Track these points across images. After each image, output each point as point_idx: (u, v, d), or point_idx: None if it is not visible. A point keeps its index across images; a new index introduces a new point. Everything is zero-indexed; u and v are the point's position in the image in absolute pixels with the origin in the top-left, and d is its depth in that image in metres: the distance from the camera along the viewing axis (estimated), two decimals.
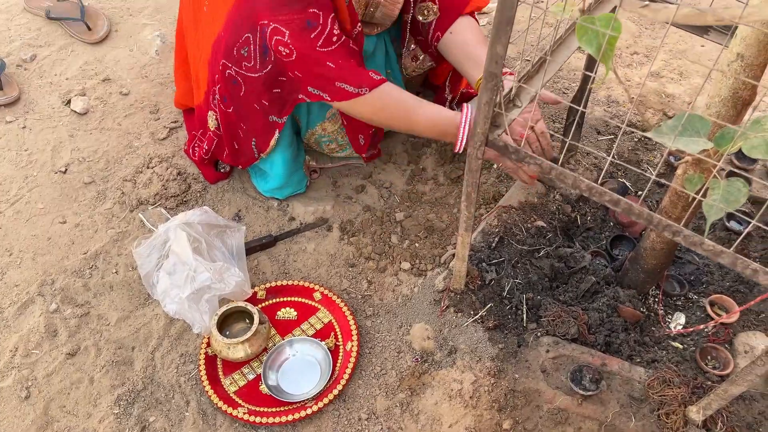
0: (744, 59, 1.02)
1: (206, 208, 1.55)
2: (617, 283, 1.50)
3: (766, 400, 1.28)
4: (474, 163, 1.13)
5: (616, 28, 0.87)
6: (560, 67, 1.19)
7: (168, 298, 1.43)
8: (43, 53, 2.04)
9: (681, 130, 0.98)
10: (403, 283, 1.53)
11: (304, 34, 1.29)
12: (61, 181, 1.74)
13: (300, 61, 1.33)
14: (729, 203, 0.98)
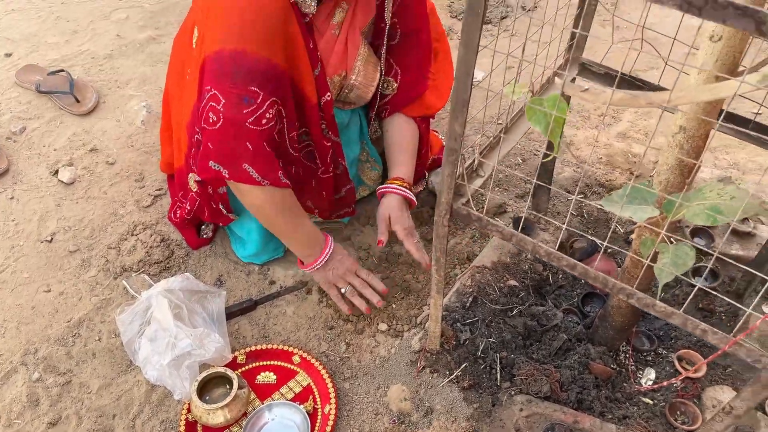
0: (686, 131, 1.10)
1: (188, 275, 1.59)
2: (588, 340, 1.54)
3: None
4: (440, 229, 1.19)
5: (561, 110, 0.95)
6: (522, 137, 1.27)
7: (149, 365, 1.46)
8: (32, 125, 2.11)
9: (629, 199, 1.05)
10: (380, 344, 1.57)
11: (239, 107, 1.32)
12: (47, 250, 1.78)
13: (222, 130, 1.35)
14: (677, 267, 1.05)
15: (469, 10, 0.87)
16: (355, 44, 1.54)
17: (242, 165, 1.36)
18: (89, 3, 2.75)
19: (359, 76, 1.57)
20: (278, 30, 1.34)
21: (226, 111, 1.33)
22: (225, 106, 1.33)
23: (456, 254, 1.76)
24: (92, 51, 2.45)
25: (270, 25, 1.33)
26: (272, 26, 1.33)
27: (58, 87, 2.20)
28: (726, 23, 0.69)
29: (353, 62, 1.55)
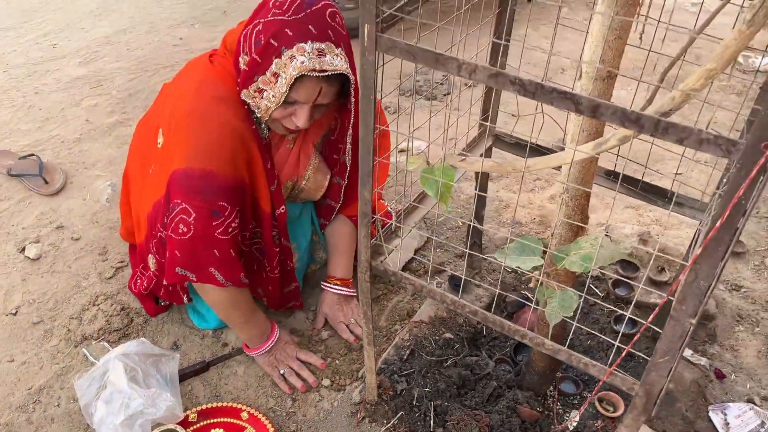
0: (569, 191, 1.27)
1: (143, 339, 1.70)
2: (518, 386, 1.66)
3: None
4: (363, 285, 1.34)
5: (449, 177, 1.12)
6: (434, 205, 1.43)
7: (104, 426, 1.55)
8: (2, 206, 2.25)
9: (519, 251, 1.21)
10: (324, 398, 1.68)
11: (209, 219, 1.47)
12: (11, 322, 1.88)
13: (192, 240, 1.48)
14: (564, 309, 1.20)
15: (363, 98, 1.05)
16: (307, 155, 1.71)
17: (209, 269, 1.52)
18: (61, 92, 2.96)
19: (309, 182, 1.74)
20: (240, 150, 1.50)
21: (197, 223, 1.47)
22: (195, 218, 1.47)
23: (397, 311, 1.90)
24: (62, 135, 2.62)
25: (233, 146, 1.48)
26: (234, 147, 1.48)
27: (28, 170, 2.36)
28: (553, 104, 0.87)
29: (304, 171, 1.72)
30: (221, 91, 1.51)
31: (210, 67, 1.56)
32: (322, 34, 1.40)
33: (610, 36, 1.04)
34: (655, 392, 1.07)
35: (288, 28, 1.38)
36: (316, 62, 1.38)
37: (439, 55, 0.92)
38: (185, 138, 1.49)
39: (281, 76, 1.39)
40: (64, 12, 3.80)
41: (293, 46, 1.37)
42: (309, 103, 1.46)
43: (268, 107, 1.45)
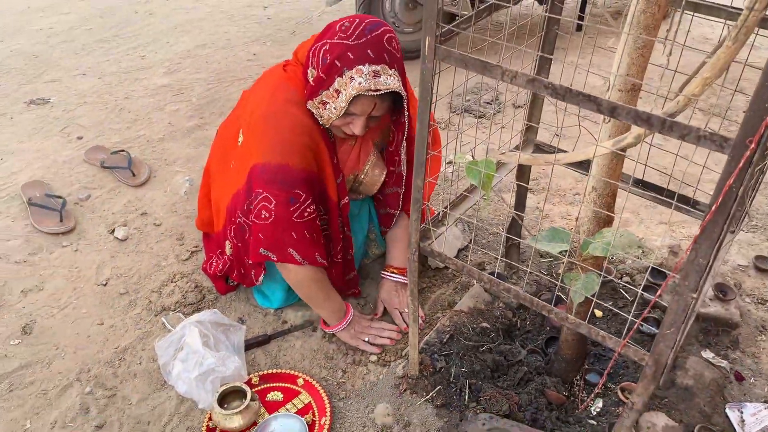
0: (596, 190, 1.45)
1: (215, 310, 1.94)
2: (547, 373, 1.82)
3: None
4: (412, 265, 1.54)
5: (491, 168, 1.31)
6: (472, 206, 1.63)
7: (180, 381, 1.79)
8: (96, 194, 2.56)
9: (550, 238, 1.40)
10: (371, 372, 1.87)
11: (287, 205, 1.72)
12: (101, 292, 2.15)
13: (273, 224, 1.73)
14: (587, 290, 1.37)
15: (422, 99, 1.27)
16: (366, 152, 1.93)
17: (288, 250, 1.76)
18: (148, 98, 3.30)
19: (367, 176, 1.96)
20: (309, 147, 1.75)
21: (277, 209, 1.73)
22: (275, 205, 1.72)
23: (439, 302, 2.09)
24: (148, 135, 2.94)
25: (303, 142, 1.73)
26: (304, 143, 1.73)
27: (118, 164, 2.66)
28: (579, 106, 1.07)
29: (363, 165, 1.94)
30: (293, 95, 1.75)
31: (283, 74, 1.81)
32: (378, 57, 1.63)
33: (634, 54, 1.23)
34: (662, 361, 1.23)
35: (350, 51, 1.62)
36: (372, 83, 1.62)
37: (486, 63, 1.12)
38: (262, 136, 1.74)
39: (342, 93, 1.63)
40: (151, 27, 4.20)
41: (353, 68, 1.61)
42: (364, 115, 1.70)
43: (329, 117, 1.69)
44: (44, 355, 1.93)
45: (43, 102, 3.24)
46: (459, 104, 3.24)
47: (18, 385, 1.84)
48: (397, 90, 1.67)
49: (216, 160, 2.08)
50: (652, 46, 1.24)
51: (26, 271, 2.21)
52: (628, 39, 1.18)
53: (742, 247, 2.35)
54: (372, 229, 2.19)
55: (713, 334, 1.98)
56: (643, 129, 1.12)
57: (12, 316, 2.04)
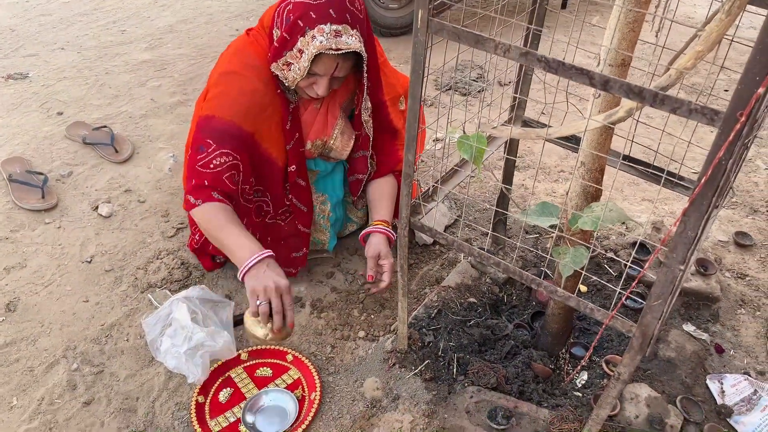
0: (585, 165, 1.47)
1: (203, 286, 1.93)
2: (533, 346, 1.85)
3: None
4: (402, 240, 1.54)
5: (482, 142, 1.32)
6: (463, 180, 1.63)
7: (169, 355, 1.78)
8: (78, 170, 2.52)
9: (540, 212, 1.41)
10: (359, 347, 1.89)
11: (196, 153, 1.76)
12: (86, 269, 2.13)
13: (185, 171, 1.81)
14: (575, 263, 1.39)
15: (413, 72, 1.26)
16: (334, 116, 1.92)
17: (187, 196, 1.78)
18: (129, 73, 3.24)
19: (336, 142, 1.95)
20: (254, 108, 1.76)
21: (189, 157, 1.80)
22: (190, 155, 1.79)
23: (427, 278, 2.10)
24: (130, 111, 2.89)
25: (249, 103, 1.75)
26: (247, 103, 1.75)
27: (100, 140, 2.62)
28: (572, 79, 1.07)
29: (331, 131, 1.93)
30: (251, 59, 1.79)
31: (246, 39, 1.84)
32: (340, 17, 1.65)
33: (625, 29, 1.23)
34: (649, 333, 1.25)
35: (312, 11, 1.64)
36: (333, 42, 1.63)
37: (479, 36, 1.12)
38: (210, 95, 1.79)
39: (304, 53, 1.65)
40: (131, 1, 4.12)
41: (315, 27, 1.63)
42: (327, 75, 1.72)
43: (294, 78, 1.71)
44: (29, 333, 1.91)
45: (21, 77, 3.17)
46: (444, 82, 3.23)
47: (3, 362, 1.82)
48: (358, 50, 1.68)
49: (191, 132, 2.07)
50: (642, 20, 1.25)
51: (8, 248, 2.18)
52: (620, 13, 1.19)
53: (722, 223, 2.39)
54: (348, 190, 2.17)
55: (694, 307, 2.03)
56: (635, 103, 1.13)
57: None
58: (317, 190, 2.04)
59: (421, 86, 1.27)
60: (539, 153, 2.76)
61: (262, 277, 1.63)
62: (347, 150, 1.98)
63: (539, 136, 1.21)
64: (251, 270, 1.64)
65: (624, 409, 1.66)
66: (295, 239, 2.01)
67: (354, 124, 1.97)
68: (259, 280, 1.62)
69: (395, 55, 3.36)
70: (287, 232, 1.99)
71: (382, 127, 1.99)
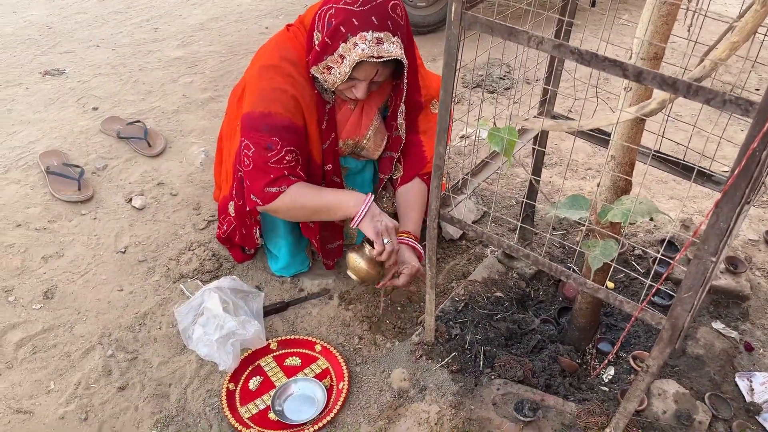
0: (615, 159, 1.47)
1: (234, 277, 1.98)
2: (560, 341, 1.86)
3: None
4: (431, 231, 1.56)
5: (513, 134, 1.33)
6: (494, 172, 1.65)
7: (201, 343, 1.82)
8: (113, 164, 2.58)
9: (570, 205, 1.42)
10: (387, 339, 1.91)
11: (264, 151, 1.75)
12: (121, 259, 2.19)
13: (253, 170, 1.78)
14: (605, 256, 1.40)
15: (446, 66, 1.28)
16: (369, 117, 1.94)
17: (264, 189, 1.78)
18: (161, 70, 3.31)
19: (369, 142, 1.97)
20: (297, 101, 1.79)
21: (254, 155, 1.78)
22: (254, 152, 1.78)
23: (454, 272, 2.12)
24: (162, 107, 2.96)
25: (291, 95, 1.77)
26: (293, 96, 1.77)
27: (134, 134, 2.68)
28: (605, 71, 1.08)
29: (365, 131, 1.95)
30: (291, 54, 1.81)
31: (286, 33, 1.86)
32: (382, 24, 1.66)
33: (658, 21, 1.24)
34: (679, 325, 1.25)
35: (355, 17, 1.65)
36: (375, 50, 1.65)
37: (512, 28, 1.14)
38: (253, 88, 1.81)
39: (346, 59, 1.67)
40: (164, 0, 4.19)
41: (357, 34, 1.65)
42: (367, 80, 1.74)
43: (334, 82, 1.74)
44: (66, 319, 1.97)
45: (58, 73, 3.26)
46: (472, 80, 3.24)
47: (41, 347, 1.88)
48: (399, 58, 1.70)
49: (226, 126, 2.12)
50: (676, 13, 1.25)
51: (46, 238, 2.24)
52: (654, 6, 1.19)
53: (752, 222, 2.37)
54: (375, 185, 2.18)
55: (723, 305, 2.01)
56: (668, 94, 1.14)
57: (34, 281, 2.08)
58: (347, 185, 2.07)
59: (454, 79, 1.29)
60: (566, 150, 2.76)
61: (379, 218, 1.78)
62: (379, 151, 2.00)
63: (571, 128, 1.22)
64: (366, 216, 1.77)
65: (651, 405, 1.66)
66: (330, 231, 2.05)
67: (386, 125, 1.99)
68: (381, 223, 1.77)
69: (422, 53, 3.37)
70: (322, 224, 2.01)
71: (412, 128, 2.01)
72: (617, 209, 1.35)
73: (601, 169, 2.63)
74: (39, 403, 1.73)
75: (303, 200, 1.80)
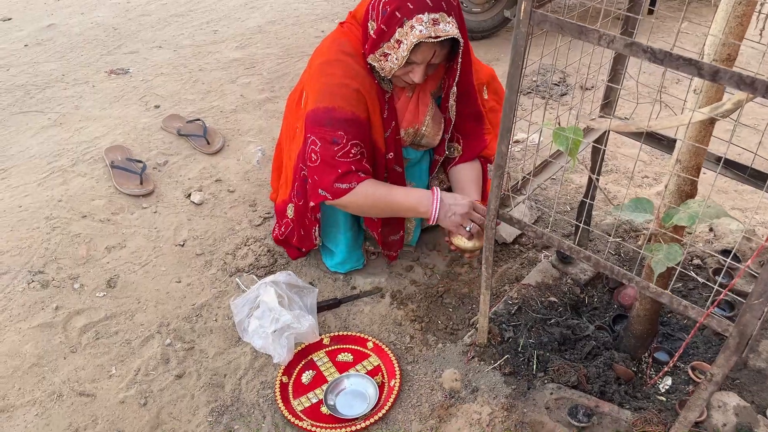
0: (681, 163, 1.44)
1: (290, 272, 2.01)
2: (615, 348, 1.83)
3: None
4: (489, 231, 1.56)
5: (578, 134, 1.33)
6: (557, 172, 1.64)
7: (256, 336, 1.86)
8: (173, 160, 2.66)
9: (633, 208, 1.40)
10: (439, 339, 1.91)
11: (330, 146, 1.77)
12: (179, 252, 2.25)
13: (321, 165, 1.79)
14: (669, 260, 1.37)
15: (512, 64, 1.28)
16: (425, 104, 1.96)
17: (333, 185, 1.80)
18: (220, 71, 3.40)
19: (428, 128, 1.99)
20: (359, 92, 1.81)
21: (321, 150, 1.80)
22: (321, 147, 1.80)
23: (507, 276, 2.11)
24: (221, 106, 3.04)
25: (353, 87, 1.80)
26: (354, 89, 1.80)
27: (194, 132, 2.76)
28: (678, 70, 1.07)
29: (423, 117, 1.97)
30: (347, 47, 1.84)
31: (340, 29, 1.90)
32: (436, 5, 1.68)
33: (732, 22, 1.22)
34: (747, 333, 1.22)
35: (409, 1, 1.67)
36: (432, 30, 1.67)
37: (583, 27, 1.13)
38: (315, 84, 1.84)
39: (403, 42, 1.69)
40: (222, 3, 4.31)
41: (413, 17, 1.67)
42: (425, 63, 1.76)
43: (391, 68, 1.75)
44: (127, 308, 2.03)
45: (122, 72, 3.38)
46: (526, 85, 3.22)
47: (104, 334, 1.95)
48: (456, 36, 1.71)
49: (286, 132, 2.15)
50: (751, 15, 1.23)
51: (110, 229, 2.33)
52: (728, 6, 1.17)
53: None
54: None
55: None
56: (744, 94, 1.12)
57: (98, 270, 2.16)
58: (406, 177, 2.08)
59: (520, 78, 1.30)
60: (623, 158, 2.72)
61: (450, 211, 1.82)
62: (438, 137, 2.01)
63: (639, 128, 1.20)
64: (440, 214, 1.82)
65: (711, 417, 1.62)
66: (392, 224, 2.06)
67: (440, 108, 2.01)
68: (454, 215, 1.82)
69: (482, 52, 3.38)
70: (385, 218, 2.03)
71: (469, 111, 2.01)
72: (683, 212, 1.33)
73: (658, 177, 2.58)
74: (101, 387, 1.79)
75: (372, 199, 1.82)
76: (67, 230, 2.29)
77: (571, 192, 2.53)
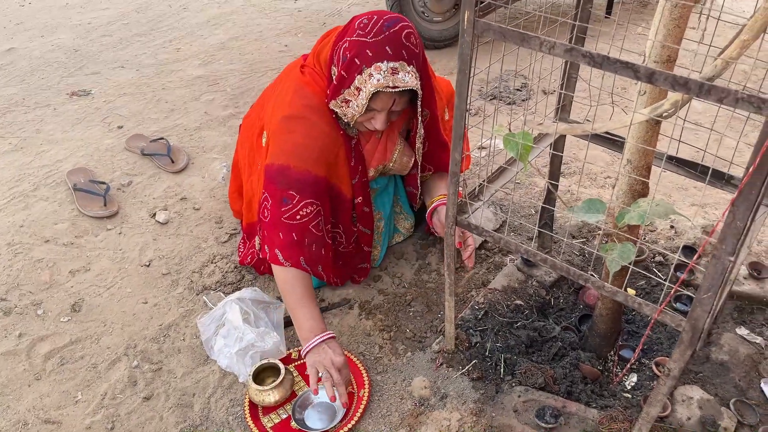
0: (631, 163, 1.47)
1: (256, 288, 2.00)
2: (581, 348, 1.85)
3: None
4: (449, 238, 1.58)
5: (528, 139, 1.35)
6: (512, 178, 1.66)
7: (221, 355, 1.85)
8: (137, 180, 2.64)
9: (587, 208, 1.42)
10: (407, 348, 1.92)
11: (279, 205, 1.78)
12: (145, 272, 2.23)
13: (269, 223, 1.80)
14: (623, 258, 1.40)
15: (460, 72, 1.30)
16: (393, 142, 1.97)
17: (274, 250, 1.81)
18: (184, 88, 3.38)
19: (395, 164, 2.00)
20: (321, 151, 1.80)
21: (272, 208, 1.80)
22: (272, 205, 1.80)
23: (474, 281, 2.12)
24: (185, 124, 3.02)
25: (315, 146, 1.79)
26: (316, 147, 1.79)
27: (157, 151, 2.75)
28: (617, 73, 1.10)
29: (391, 155, 1.98)
30: (312, 100, 1.82)
31: (302, 77, 1.86)
32: (396, 54, 1.67)
33: (670, 25, 1.25)
34: (699, 327, 1.25)
35: (368, 48, 1.66)
36: (390, 80, 1.66)
37: (525, 34, 1.16)
38: (276, 139, 1.82)
39: (362, 90, 1.68)
40: (185, 21, 4.31)
41: (372, 65, 1.66)
42: (385, 110, 1.76)
43: (353, 115, 1.75)
44: (93, 332, 2.01)
45: (84, 93, 3.35)
46: (487, 91, 3.26)
47: (69, 359, 1.92)
48: (414, 88, 1.70)
49: (243, 156, 2.15)
50: (688, 16, 1.26)
51: (73, 252, 2.30)
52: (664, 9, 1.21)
53: None
54: (397, 201, 2.22)
55: (747, 312, 1.99)
56: (680, 95, 1.15)
57: (62, 294, 2.13)
58: (374, 208, 2.10)
59: (468, 85, 1.31)
60: (590, 158, 2.76)
61: (322, 354, 1.72)
62: (407, 169, 2.04)
63: (585, 131, 1.23)
64: (314, 349, 1.74)
65: (675, 411, 1.64)
66: (360, 257, 2.10)
67: (409, 143, 2.03)
68: (320, 357, 1.72)
69: (439, 66, 3.41)
70: (352, 252, 2.06)
71: (435, 141, 2.02)
72: (634, 212, 1.36)
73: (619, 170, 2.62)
74: (67, 414, 1.77)
75: (286, 287, 1.82)
76: (30, 255, 2.26)
77: (536, 195, 2.56)
